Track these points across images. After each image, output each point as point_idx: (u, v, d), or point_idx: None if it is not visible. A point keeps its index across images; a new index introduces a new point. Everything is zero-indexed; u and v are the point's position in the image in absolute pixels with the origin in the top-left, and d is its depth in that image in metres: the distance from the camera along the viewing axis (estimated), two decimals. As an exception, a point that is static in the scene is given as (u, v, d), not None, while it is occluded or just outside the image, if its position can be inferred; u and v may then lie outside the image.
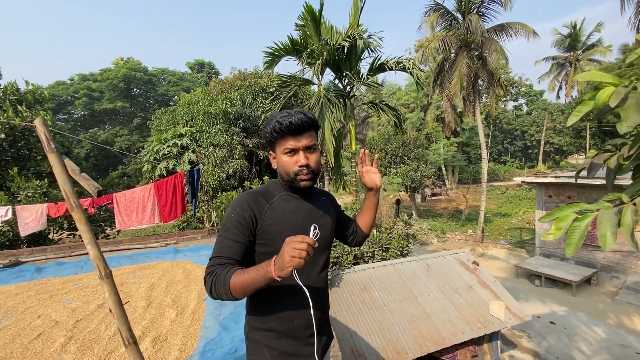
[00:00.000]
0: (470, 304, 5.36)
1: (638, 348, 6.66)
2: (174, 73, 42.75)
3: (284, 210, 1.30)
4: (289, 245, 0.96)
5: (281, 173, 1.32)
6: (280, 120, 1.24)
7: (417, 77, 8.18)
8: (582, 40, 25.83)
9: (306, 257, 0.95)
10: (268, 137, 1.30)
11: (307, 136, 1.28)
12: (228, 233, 1.20)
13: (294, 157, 1.27)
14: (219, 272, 1.10)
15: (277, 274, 0.98)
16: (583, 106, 0.91)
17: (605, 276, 9.86)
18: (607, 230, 0.90)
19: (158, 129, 15.41)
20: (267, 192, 1.35)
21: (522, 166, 37.39)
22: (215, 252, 1.19)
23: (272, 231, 1.25)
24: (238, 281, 1.05)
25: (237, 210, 1.24)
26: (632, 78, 0.93)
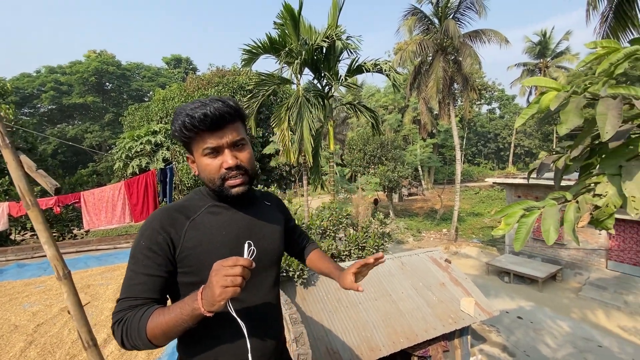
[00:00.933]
0: (442, 300, 5.53)
1: (600, 341, 7.09)
2: (149, 68, 41.38)
3: (211, 227, 1.04)
4: (218, 273, 0.79)
5: (205, 180, 1.05)
6: (191, 113, 0.96)
7: (394, 79, 8.34)
8: (552, 48, 27.19)
9: (242, 284, 0.79)
10: (178, 136, 1.00)
11: (231, 129, 1.01)
12: (138, 265, 0.95)
13: (217, 159, 1.01)
14: (130, 318, 0.87)
15: (206, 309, 0.80)
16: (529, 109, 0.97)
17: (570, 273, 10.44)
18: (551, 226, 0.96)
19: (131, 125, 14.89)
20: (188, 206, 1.07)
21: (495, 167, 38.95)
22: (124, 291, 0.94)
23: (196, 255, 0.99)
24: (157, 325, 0.84)
25: (147, 234, 0.98)
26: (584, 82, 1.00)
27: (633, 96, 0.88)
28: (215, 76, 14.97)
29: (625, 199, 0.93)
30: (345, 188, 20.39)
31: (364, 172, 20.46)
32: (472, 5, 14.11)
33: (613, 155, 0.99)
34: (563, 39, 26.66)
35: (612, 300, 8.59)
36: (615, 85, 0.93)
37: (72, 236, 10.14)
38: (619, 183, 0.94)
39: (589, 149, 1.12)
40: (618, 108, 0.85)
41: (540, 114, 0.94)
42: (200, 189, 1.15)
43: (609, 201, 0.94)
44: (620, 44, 1.08)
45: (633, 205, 0.91)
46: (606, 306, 8.52)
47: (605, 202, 0.95)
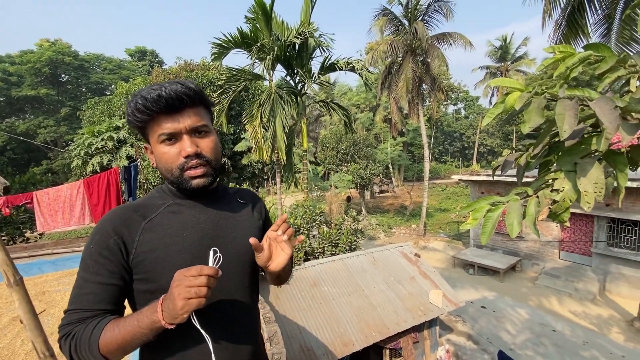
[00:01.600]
0: (412, 293, 5.71)
1: (554, 326, 7.66)
2: (111, 60, 38.97)
3: (170, 228, 0.93)
4: (180, 284, 0.73)
5: (162, 172, 0.94)
6: (145, 94, 0.87)
7: (365, 78, 8.46)
8: (512, 53, 28.85)
9: (207, 294, 0.74)
10: (131, 120, 0.91)
11: (191, 114, 0.91)
12: (87, 273, 0.85)
13: (175, 146, 0.90)
14: (79, 332, 0.79)
15: (168, 322, 0.74)
16: (495, 109, 1.02)
17: (528, 263, 11.18)
18: (514, 219, 1.01)
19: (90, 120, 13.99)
20: (146, 205, 0.96)
21: (460, 165, 40.76)
22: (72, 302, 0.84)
23: (152, 261, 0.89)
24: (112, 339, 0.77)
25: (97, 237, 0.88)
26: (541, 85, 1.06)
27: (587, 98, 0.95)
28: (183, 70, 14.39)
29: (580, 193, 1.00)
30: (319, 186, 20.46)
31: (337, 170, 20.63)
32: (439, 8, 14.62)
33: (569, 153, 1.06)
34: (522, 45, 28.38)
35: (564, 288, 9.31)
36: (571, 88, 0.99)
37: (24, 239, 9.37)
38: (574, 179, 1.01)
39: (547, 147, 1.20)
40: (575, 109, 0.91)
41: (506, 113, 0.99)
42: (162, 186, 1.04)
43: (565, 196, 1.01)
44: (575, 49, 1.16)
45: (586, 199, 0.99)
46: (559, 293, 9.22)
47: (562, 197, 1.02)
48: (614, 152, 1.03)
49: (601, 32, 7.18)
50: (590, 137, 1.08)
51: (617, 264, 9.05)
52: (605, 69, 1.09)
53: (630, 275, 8.81)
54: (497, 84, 1.02)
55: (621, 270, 8.98)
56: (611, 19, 6.85)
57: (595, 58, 1.12)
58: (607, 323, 7.71)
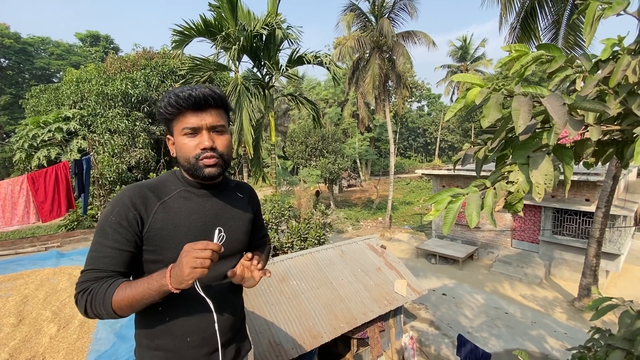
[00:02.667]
0: (378, 284, 5.88)
1: (507, 309, 8.27)
2: (59, 44, 35.68)
3: (180, 211, 1.08)
4: (188, 255, 0.85)
5: (181, 160, 1.09)
6: (178, 92, 1.03)
7: (334, 72, 8.48)
8: (471, 53, 30.33)
9: (210, 266, 0.86)
10: (163, 113, 1.06)
11: (213, 114, 1.07)
12: (106, 239, 0.98)
13: (195, 139, 1.06)
14: (95, 289, 0.92)
15: (174, 286, 0.87)
16: (457, 104, 1.06)
17: (484, 252, 11.94)
18: (473, 210, 1.06)
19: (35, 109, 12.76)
20: (161, 187, 1.11)
21: (423, 160, 42.44)
22: (90, 262, 0.97)
23: (161, 237, 1.04)
24: (124, 297, 0.90)
25: (118, 209, 1.01)
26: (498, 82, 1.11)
27: (539, 95, 1.00)
28: (141, 58, 13.51)
29: (532, 185, 1.07)
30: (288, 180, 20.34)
31: (306, 165, 20.61)
32: (405, 6, 14.97)
33: (523, 147, 1.13)
34: (480, 46, 29.94)
35: (515, 273, 10.07)
36: (526, 85, 1.05)
37: (-43, 241, 8.39)
38: (527, 171, 1.07)
39: (504, 141, 1.26)
40: (529, 105, 0.96)
41: (466, 108, 1.03)
42: (175, 171, 1.18)
43: (519, 187, 1.07)
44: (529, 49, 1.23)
45: (537, 191, 1.05)
46: (511, 278, 9.97)
47: (516, 188, 1.08)
48: (562, 147, 1.11)
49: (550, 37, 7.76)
50: (542, 132, 1.15)
51: (560, 250, 9.95)
52: (555, 68, 1.16)
53: (571, 260, 9.72)
54: (459, 79, 1.05)
55: (564, 255, 9.88)
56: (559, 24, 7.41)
57: (546, 57, 1.20)
58: (552, 304, 8.47)
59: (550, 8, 7.33)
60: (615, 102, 1.11)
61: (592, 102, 1.01)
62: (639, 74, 1.09)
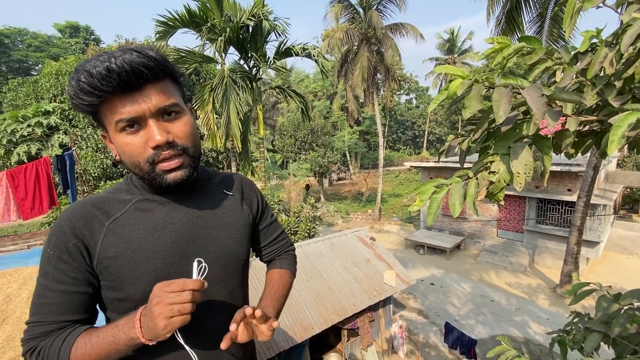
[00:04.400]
0: (368, 275, 5.96)
1: (492, 296, 8.50)
2: (37, 35, 34.32)
3: (138, 229, 0.80)
4: (160, 302, 0.64)
5: (128, 166, 0.77)
6: (90, 69, 0.66)
7: (322, 65, 8.42)
8: (458, 46, 30.51)
9: (192, 309, 0.66)
10: (77, 104, 0.70)
11: (154, 91, 0.72)
12: (47, 280, 0.75)
13: (139, 134, 0.73)
14: (45, 348, 0.72)
15: (147, 339, 0.67)
16: (440, 95, 1.07)
17: (470, 242, 12.21)
18: (456, 200, 1.08)
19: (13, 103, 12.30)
20: (111, 201, 0.82)
21: (412, 153, 42.84)
22: (34, 312, 0.75)
23: (117, 268, 0.77)
24: (85, 355, 0.70)
25: (54, 240, 0.76)
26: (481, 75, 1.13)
27: (519, 86, 1.02)
28: (124, 50, 13.12)
29: (513, 175, 1.09)
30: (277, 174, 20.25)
31: (295, 159, 20.54)
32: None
33: (504, 137, 1.15)
34: (467, 38, 30.13)
35: (500, 262, 10.35)
36: (506, 77, 1.07)
37: None
38: (508, 161, 1.09)
39: (486, 132, 1.28)
40: (509, 96, 0.98)
41: (449, 99, 1.04)
42: (130, 176, 0.87)
43: (501, 177, 1.10)
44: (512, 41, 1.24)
45: (518, 180, 1.08)
46: (496, 267, 10.24)
47: (497, 178, 1.11)
48: (541, 137, 1.14)
49: (535, 30, 7.86)
50: (522, 123, 1.18)
51: (543, 239, 10.25)
52: (535, 60, 1.19)
53: (553, 248, 10.04)
54: (442, 70, 1.06)
55: (547, 244, 10.19)
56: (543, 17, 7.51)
57: (527, 49, 1.22)
58: (535, 291, 8.76)
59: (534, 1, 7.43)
60: (592, 93, 1.14)
61: (570, 93, 1.03)
62: (616, 66, 1.12)
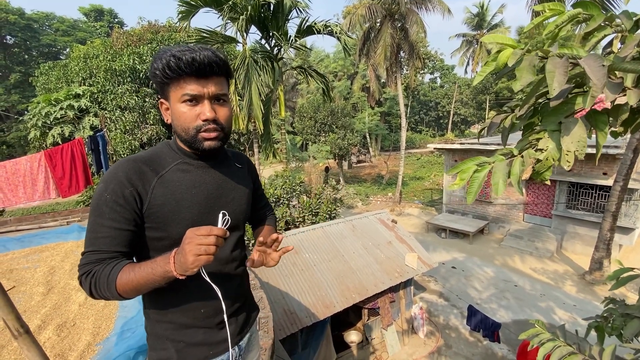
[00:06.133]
0: (389, 257, 5.97)
1: (516, 282, 8.35)
2: (63, 19, 35.14)
3: (180, 185, 1.01)
4: (191, 242, 0.79)
5: (177, 130, 1.00)
6: (178, 54, 0.91)
7: (344, 42, 8.18)
8: (488, 20, 28.77)
9: (215, 252, 0.81)
10: (159, 76, 0.94)
11: (216, 82, 0.97)
12: (103, 218, 0.91)
13: (195, 108, 0.96)
14: (98, 271, 0.87)
15: (179, 273, 0.82)
16: (487, 67, 1.00)
17: (494, 226, 11.91)
18: (500, 179, 1.03)
19: (45, 87, 12.82)
20: (156, 160, 1.02)
21: (435, 135, 41.61)
22: (89, 243, 0.91)
23: (164, 213, 0.97)
24: (128, 281, 0.85)
25: (112, 186, 0.92)
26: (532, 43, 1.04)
27: (576, 56, 0.94)
28: (147, 32, 13.25)
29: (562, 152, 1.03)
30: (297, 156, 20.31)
31: (315, 141, 20.45)
32: (419, -30, 14.10)
33: (554, 113, 1.08)
34: (498, 12, 28.31)
35: (526, 247, 10.07)
36: (561, 46, 0.98)
37: (-17, 217, 8.79)
38: (558, 138, 1.03)
39: (532, 108, 1.21)
40: (565, 66, 0.90)
41: (497, 70, 0.97)
42: (169, 142, 1.09)
43: (549, 155, 1.04)
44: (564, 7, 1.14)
45: (566, 159, 1.02)
46: (521, 252, 9.99)
47: (545, 156, 1.04)
48: (595, 112, 1.05)
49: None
50: (574, 97, 1.09)
51: (573, 225, 9.84)
52: (593, 28, 1.08)
53: (584, 234, 9.63)
54: (490, 40, 0.99)
55: (577, 230, 9.79)
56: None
57: (583, 16, 1.11)
58: (562, 277, 8.50)
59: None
60: (657, 64, 1.04)
61: (633, 62, 0.94)
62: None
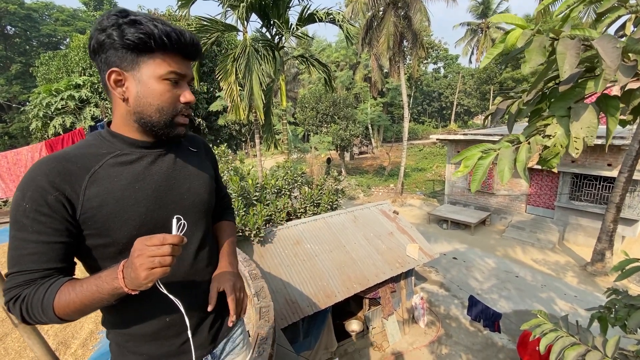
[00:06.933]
0: (391, 247, 5.98)
1: (517, 272, 8.36)
2: (63, 9, 34.81)
3: (119, 180, 0.85)
4: (142, 254, 0.68)
5: (148, 110, 0.85)
6: (165, 28, 0.80)
7: (347, 31, 8.04)
8: (493, 8, 28.17)
9: (172, 263, 0.71)
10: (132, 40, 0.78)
11: (191, 65, 0.93)
12: (25, 232, 0.76)
13: (176, 89, 0.86)
14: (29, 295, 0.75)
15: (130, 289, 0.72)
16: (495, 49, 0.96)
17: (496, 217, 11.89)
18: (505, 166, 1.00)
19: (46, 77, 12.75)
20: (84, 155, 0.84)
21: (438, 126, 41.28)
22: (13, 263, 0.77)
23: (103, 216, 0.81)
24: (69, 302, 0.74)
25: (30, 194, 0.76)
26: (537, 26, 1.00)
27: (589, 37, 0.90)
28: (146, 21, 13.06)
29: (570, 139, 0.99)
30: (299, 147, 20.23)
31: (316, 132, 20.33)
32: (423, -44, 13.76)
33: (563, 98, 1.04)
34: (503, 0, 27.69)
35: (527, 239, 10.06)
36: (573, 27, 0.94)
37: (-13, 207, 8.86)
38: (566, 124, 0.99)
39: (540, 93, 1.17)
40: (576, 48, 0.86)
41: (506, 52, 0.93)
42: (99, 132, 0.92)
43: (557, 141, 1.00)
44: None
45: (574, 146, 0.99)
46: (523, 243, 9.98)
47: (553, 142, 1.01)
48: (606, 97, 1.02)
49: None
50: (584, 81, 1.05)
51: (576, 216, 9.80)
52: (606, 8, 1.04)
53: (587, 225, 9.60)
54: (499, 19, 0.95)
55: (579, 221, 9.75)
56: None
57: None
58: (564, 268, 8.51)
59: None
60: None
61: (649, 44, 0.90)
62: None
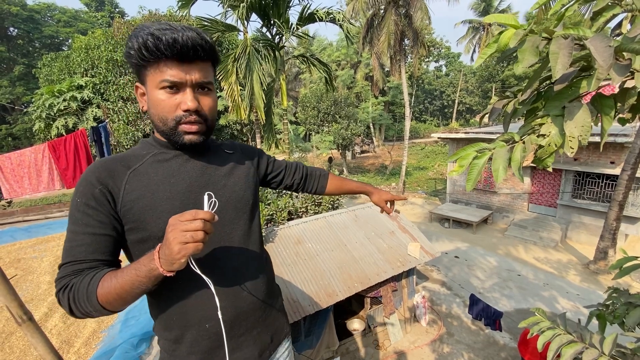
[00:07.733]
0: (392, 246, 5.98)
1: (519, 271, 8.34)
2: (65, 10, 34.95)
3: (156, 176, 0.91)
4: (175, 229, 0.70)
5: (154, 119, 0.90)
6: (157, 33, 0.80)
7: (347, 30, 8.03)
8: (495, 6, 28.05)
9: (204, 239, 0.72)
10: (134, 55, 0.83)
11: (201, 68, 0.88)
12: (77, 225, 0.83)
13: (175, 97, 0.86)
14: (76, 283, 0.78)
15: (166, 269, 0.72)
16: (488, 48, 0.97)
17: (498, 216, 11.86)
18: (500, 165, 1.01)
19: (49, 78, 12.81)
20: (130, 156, 0.94)
21: (439, 124, 41.15)
22: (65, 255, 0.82)
23: (139, 209, 0.87)
24: (111, 289, 0.76)
25: (81, 189, 0.84)
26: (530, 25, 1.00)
27: (582, 37, 0.90)
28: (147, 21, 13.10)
29: (565, 138, 1.00)
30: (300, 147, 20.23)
31: (318, 131, 20.33)
32: (424, -46, 13.71)
33: (557, 97, 1.04)
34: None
35: (530, 237, 10.03)
36: (566, 27, 0.94)
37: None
38: (561, 123, 1.00)
39: (535, 92, 1.17)
40: (569, 47, 0.87)
41: (499, 52, 0.94)
42: (146, 139, 1.01)
43: (551, 140, 1.01)
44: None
45: (569, 145, 0.99)
46: (525, 242, 9.96)
47: (547, 142, 1.02)
48: (601, 96, 1.02)
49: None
50: (579, 80, 1.06)
51: (579, 214, 9.76)
52: (601, 6, 1.04)
53: (589, 223, 9.56)
54: (492, 20, 0.95)
55: (582, 219, 9.71)
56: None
57: (591, -5, 1.07)
58: (566, 267, 8.48)
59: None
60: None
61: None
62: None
